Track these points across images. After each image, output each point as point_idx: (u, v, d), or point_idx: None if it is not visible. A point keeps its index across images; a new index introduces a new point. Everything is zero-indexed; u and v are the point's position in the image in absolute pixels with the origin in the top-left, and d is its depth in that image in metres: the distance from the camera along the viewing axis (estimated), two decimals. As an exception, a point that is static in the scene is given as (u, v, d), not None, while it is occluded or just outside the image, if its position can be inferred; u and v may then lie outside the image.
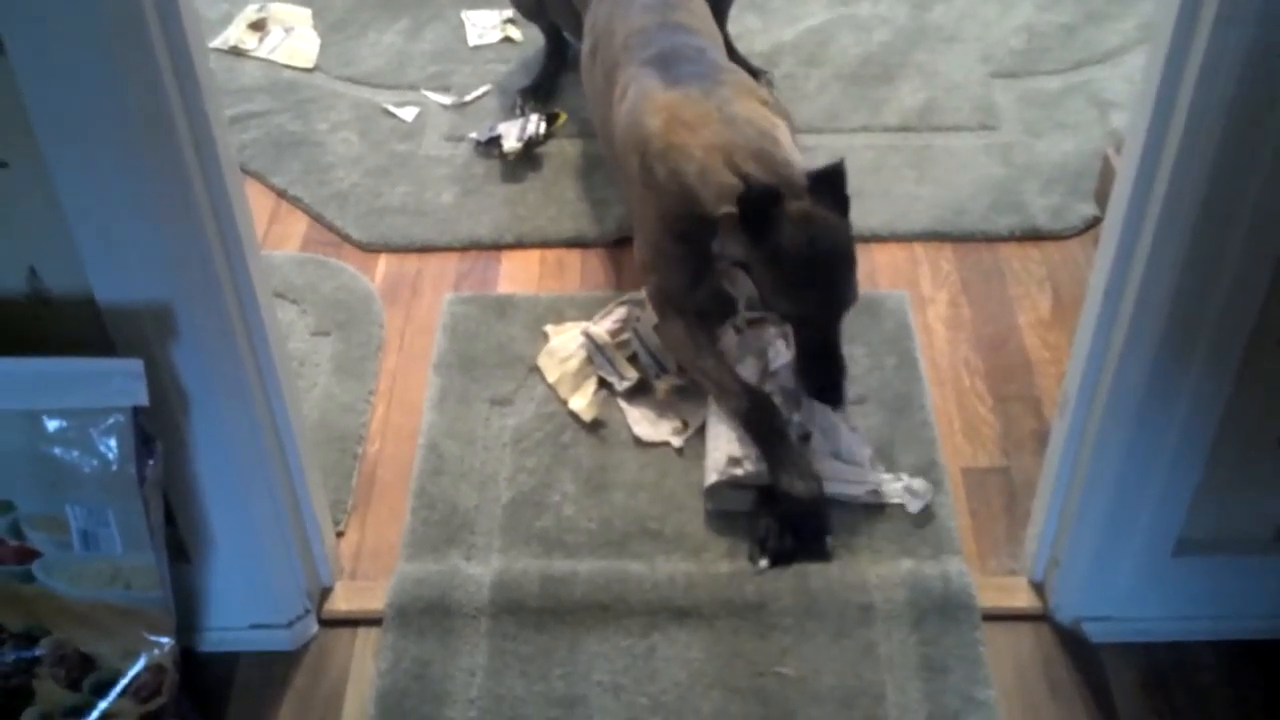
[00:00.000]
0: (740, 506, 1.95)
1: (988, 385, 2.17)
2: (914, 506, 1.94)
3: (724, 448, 1.96)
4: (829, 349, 1.94)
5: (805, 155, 2.57)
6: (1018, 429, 2.10)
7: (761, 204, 1.88)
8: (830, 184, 1.92)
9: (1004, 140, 2.68)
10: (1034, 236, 2.46)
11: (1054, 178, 2.57)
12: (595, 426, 2.10)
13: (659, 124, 2.07)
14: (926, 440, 2.05)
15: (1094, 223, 2.44)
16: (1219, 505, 1.67)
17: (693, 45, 2.23)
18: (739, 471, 1.93)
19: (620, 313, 2.25)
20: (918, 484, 1.96)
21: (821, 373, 1.95)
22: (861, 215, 2.47)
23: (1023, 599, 1.85)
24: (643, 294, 2.24)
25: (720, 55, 2.28)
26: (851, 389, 2.07)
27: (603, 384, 2.15)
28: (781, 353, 2.07)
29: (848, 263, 1.93)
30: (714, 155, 1.98)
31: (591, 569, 1.88)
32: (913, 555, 1.89)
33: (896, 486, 1.96)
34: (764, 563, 1.88)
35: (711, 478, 1.95)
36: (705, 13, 2.43)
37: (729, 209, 1.92)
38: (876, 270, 2.40)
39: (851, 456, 1.99)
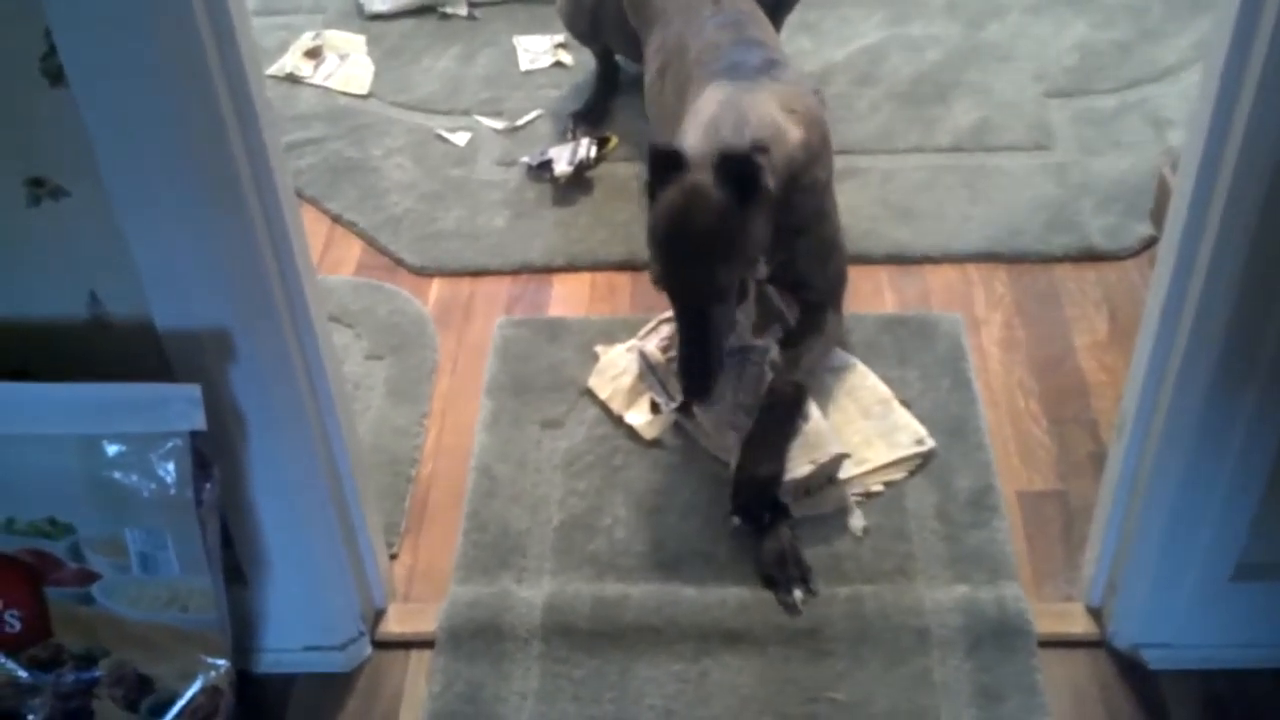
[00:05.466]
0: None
1: (1043, 408, 2.15)
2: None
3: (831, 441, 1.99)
4: (691, 335, 1.89)
5: (857, 178, 2.60)
6: (1074, 452, 2.07)
7: (662, 164, 1.88)
8: (731, 168, 1.86)
9: (1059, 160, 2.66)
10: (1090, 257, 2.43)
11: (1110, 197, 2.55)
12: (646, 450, 2.09)
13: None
14: (982, 463, 2.04)
15: (1151, 243, 2.41)
16: (1279, 529, 1.64)
17: (764, 57, 2.21)
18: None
19: (666, 330, 2.25)
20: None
21: (687, 361, 1.90)
22: (914, 236, 2.49)
23: (1079, 625, 1.83)
24: None
25: (787, 68, 2.25)
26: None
27: (652, 405, 2.15)
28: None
29: (699, 244, 1.86)
30: (696, 131, 2.01)
31: (643, 592, 1.88)
32: (967, 580, 1.88)
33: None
34: (798, 593, 1.87)
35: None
36: (773, 31, 2.44)
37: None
38: (930, 292, 2.38)
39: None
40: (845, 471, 1.99)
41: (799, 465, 1.96)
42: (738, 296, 2.01)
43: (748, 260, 1.94)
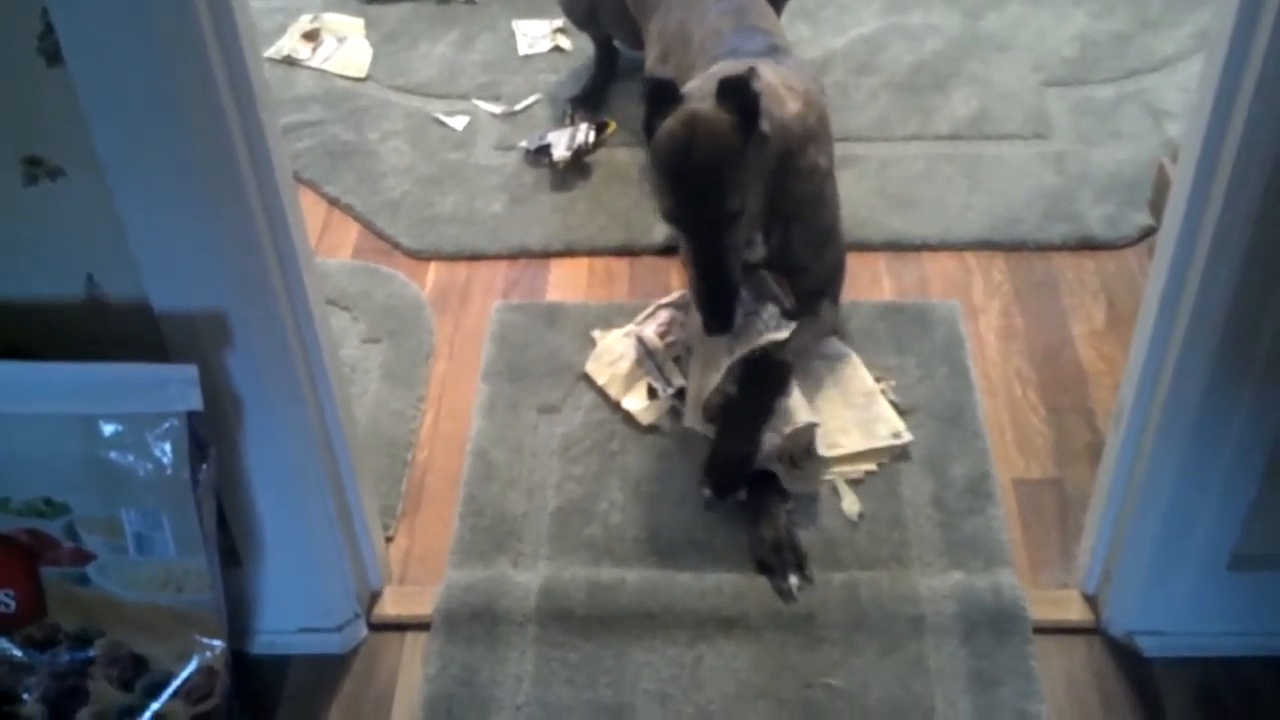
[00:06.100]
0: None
1: (1040, 396, 2.15)
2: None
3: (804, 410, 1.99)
4: (708, 265, 1.90)
5: (855, 166, 2.60)
6: (1071, 441, 2.08)
7: (659, 95, 1.91)
8: (732, 91, 1.88)
9: (1057, 149, 2.65)
10: (1088, 246, 2.43)
11: (1108, 187, 2.55)
12: (642, 436, 2.10)
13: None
14: (978, 451, 2.04)
15: (1149, 232, 2.41)
16: (1275, 519, 1.64)
17: (765, 43, 2.22)
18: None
19: (664, 315, 2.25)
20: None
21: (706, 292, 1.91)
22: (912, 224, 2.48)
23: (1075, 612, 1.83)
24: (687, 294, 2.24)
25: (788, 55, 2.25)
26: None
27: (649, 390, 2.15)
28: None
29: (706, 169, 1.87)
30: (696, 83, 2.02)
31: (639, 578, 1.88)
32: (963, 567, 1.88)
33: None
34: (794, 580, 1.87)
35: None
36: (775, 18, 2.44)
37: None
38: (928, 279, 2.38)
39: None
40: (821, 449, 2.00)
41: (770, 438, 1.96)
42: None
43: (754, 188, 1.92)
